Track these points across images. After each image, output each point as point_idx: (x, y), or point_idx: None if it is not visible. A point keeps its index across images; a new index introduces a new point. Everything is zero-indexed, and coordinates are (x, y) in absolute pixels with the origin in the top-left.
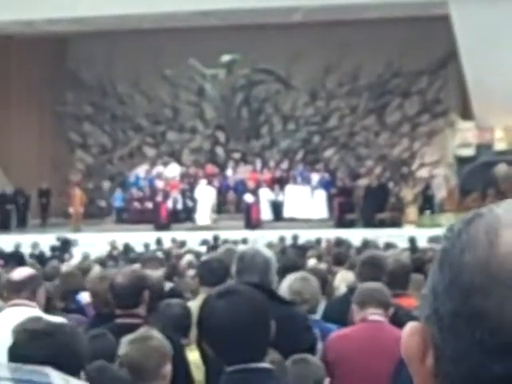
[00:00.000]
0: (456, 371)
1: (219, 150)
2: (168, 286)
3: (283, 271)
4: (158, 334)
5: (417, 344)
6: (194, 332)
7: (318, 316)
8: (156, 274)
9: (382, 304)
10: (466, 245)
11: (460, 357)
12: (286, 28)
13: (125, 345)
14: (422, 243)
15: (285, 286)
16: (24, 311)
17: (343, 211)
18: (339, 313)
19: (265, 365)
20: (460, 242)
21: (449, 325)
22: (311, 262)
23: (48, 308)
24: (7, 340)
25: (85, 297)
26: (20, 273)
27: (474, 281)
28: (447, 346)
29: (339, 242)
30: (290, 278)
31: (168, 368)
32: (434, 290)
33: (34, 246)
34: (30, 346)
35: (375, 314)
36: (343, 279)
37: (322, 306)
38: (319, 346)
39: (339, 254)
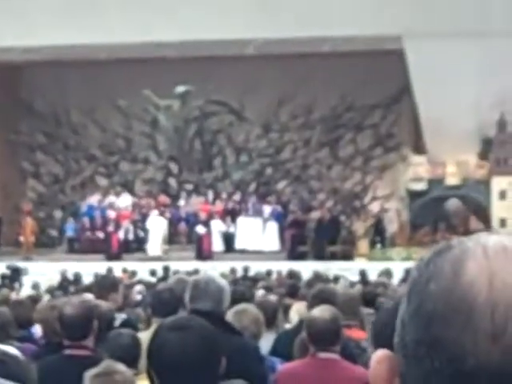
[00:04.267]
0: None
1: (172, 181)
2: (120, 316)
3: (232, 303)
4: (122, 367)
5: (384, 371)
6: (142, 362)
7: (264, 349)
8: (106, 303)
9: (333, 338)
10: (432, 274)
11: None
12: (240, 60)
13: (88, 379)
14: (372, 276)
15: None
16: None
17: (295, 243)
18: (288, 346)
19: None
20: (427, 271)
21: (412, 352)
22: (260, 293)
23: (1, 336)
24: None
25: (38, 329)
26: None
27: (436, 309)
28: (410, 374)
29: (292, 274)
30: (231, 311)
31: None
32: (402, 319)
33: None
34: None
35: (326, 350)
36: (297, 311)
37: (270, 339)
38: None
39: (292, 287)
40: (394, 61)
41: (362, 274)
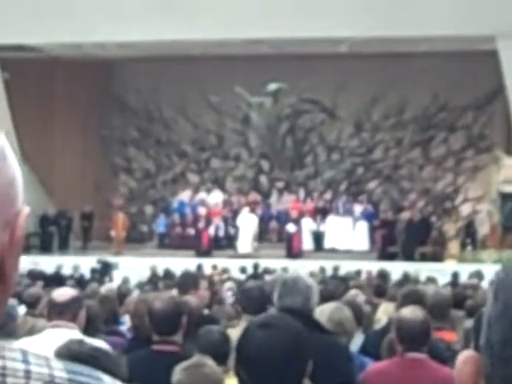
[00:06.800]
0: None
1: (263, 179)
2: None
3: (321, 301)
4: (211, 362)
5: (469, 372)
6: (232, 359)
7: (353, 348)
8: (195, 300)
9: (423, 340)
10: None
11: None
12: (333, 58)
13: (178, 372)
14: (462, 278)
15: (321, 315)
16: (65, 333)
17: (385, 244)
18: (377, 346)
19: None
20: None
21: (498, 353)
22: (352, 292)
23: (90, 330)
24: None
25: (127, 323)
26: (63, 294)
27: None
28: (495, 375)
29: (382, 274)
30: (327, 308)
31: None
32: (488, 320)
33: (75, 268)
34: None
35: (415, 351)
36: (385, 311)
37: (358, 339)
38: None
39: (380, 287)
40: (487, 61)
41: (455, 275)
